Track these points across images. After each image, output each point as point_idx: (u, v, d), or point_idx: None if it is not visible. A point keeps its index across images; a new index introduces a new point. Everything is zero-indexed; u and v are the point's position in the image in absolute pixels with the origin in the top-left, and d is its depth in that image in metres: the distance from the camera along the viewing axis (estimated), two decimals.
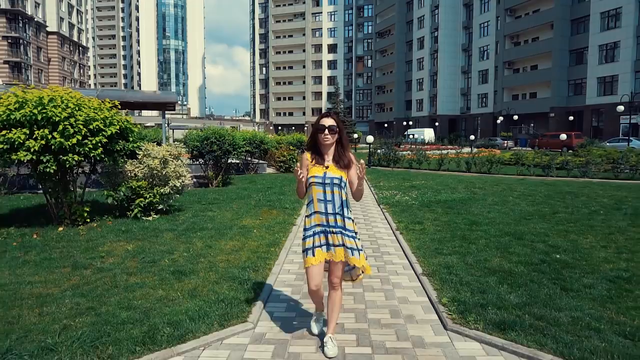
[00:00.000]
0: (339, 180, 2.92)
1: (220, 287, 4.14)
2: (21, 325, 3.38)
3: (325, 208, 2.94)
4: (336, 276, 3.02)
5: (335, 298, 3.07)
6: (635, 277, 4.36)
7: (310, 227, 3.00)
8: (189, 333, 3.25)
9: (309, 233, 3.00)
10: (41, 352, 2.96)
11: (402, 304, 3.96)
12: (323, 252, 2.97)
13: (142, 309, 3.63)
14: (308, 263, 2.96)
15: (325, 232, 2.97)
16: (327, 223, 2.95)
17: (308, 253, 2.96)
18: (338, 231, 2.94)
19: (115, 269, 4.66)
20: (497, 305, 3.71)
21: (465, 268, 4.74)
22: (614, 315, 3.51)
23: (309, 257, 2.95)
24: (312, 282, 2.99)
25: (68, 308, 3.67)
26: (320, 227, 2.97)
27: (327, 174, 2.92)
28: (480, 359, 3.00)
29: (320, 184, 2.91)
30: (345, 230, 2.95)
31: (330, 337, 3.07)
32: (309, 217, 3.02)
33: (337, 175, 2.93)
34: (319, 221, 2.97)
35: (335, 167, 2.95)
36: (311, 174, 2.95)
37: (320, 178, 2.92)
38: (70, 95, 6.15)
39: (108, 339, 3.13)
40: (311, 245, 2.96)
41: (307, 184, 2.97)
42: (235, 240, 5.90)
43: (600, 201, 9.05)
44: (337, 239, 2.94)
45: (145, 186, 7.22)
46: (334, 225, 2.93)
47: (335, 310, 3.09)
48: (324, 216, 2.95)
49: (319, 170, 2.94)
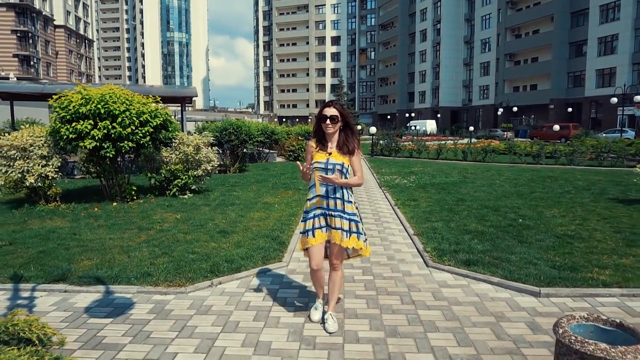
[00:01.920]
0: (340, 166, 3.05)
1: (258, 241, 5.43)
2: (117, 263, 4.66)
3: (326, 192, 3.07)
4: (336, 258, 3.19)
5: (336, 278, 3.23)
6: (577, 235, 5.61)
7: (310, 209, 3.15)
8: (241, 267, 4.54)
9: (309, 215, 3.14)
10: (142, 276, 4.25)
11: (396, 253, 5.23)
12: (323, 233, 3.12)
13: (203, 254, 4.92)
14: (309, 243, 3.12)
15: (324, 215, 3.11)
16: (327, 206, 3.08)
17: (308, 234, 3.12)
18: (337, 214, 3.07)
19: (172, 230, 5.95)
20: (467, 251, 4.98)
21: (448, 230, 6.00)
22: (551, 256, 4.77)
23: (309, 237, 3.11)
24: (312, 261, 3.15)
25: (148, 253, 4.96)
26: (320, 209, 3.11)
27: (329, 160, 3.05)
28: (450, 282, 4.27)
29: (322, 169, 3.04)
30: (344, 214, 3.08)
31: (331, 314, 3.24)
32: (310, 200, 3.17)
33: (339, 161, 3.05)
34: (320, 204, 3.11)
35: (338, 154, 3.08)
36: (315, 159, 3.09)
37: (323, 164, 3.05)
38: (122, 92, 7.40)
39: (186, 269, 4.42)
40: (311, 227, 3.11)
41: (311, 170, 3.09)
42: (261, 212, 7.18)
43: (575, 183, 10.28)
44: (336, 222, 3.07)
45: (181, 169, 8.49)
46: (333, 209, 3.07)
47: (336, 290, 3.26)
48: (324, 199, 3.08)
49: (322, 157, 3.08)
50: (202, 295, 3.94)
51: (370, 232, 6.23)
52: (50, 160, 7.38)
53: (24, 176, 7.09)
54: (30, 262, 4.67)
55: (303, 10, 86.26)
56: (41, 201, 7.47)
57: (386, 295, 3.95)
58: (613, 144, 16.35)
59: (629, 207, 7.43)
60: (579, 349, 2.00)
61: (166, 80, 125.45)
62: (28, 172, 7.08)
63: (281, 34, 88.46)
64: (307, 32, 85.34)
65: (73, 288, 4.08)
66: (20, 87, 13.38)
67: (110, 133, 7.02)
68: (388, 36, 73.78)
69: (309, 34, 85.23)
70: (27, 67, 66.71)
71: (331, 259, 3.21)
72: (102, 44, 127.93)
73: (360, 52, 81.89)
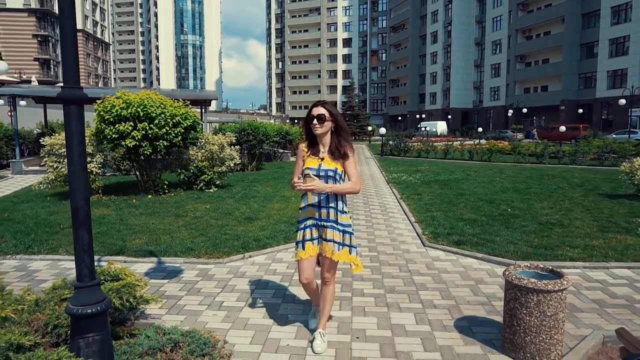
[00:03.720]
0: (333, 172, 2.82)
1: (279, 226, 6.31)
2: (163, 242, 5.58)
3: (318, 201, 2.85)
4: (327, 271, 2.95)
5: (327, 294, 3.01)
6: (558, 223, 6.39)
7: (302, 219, 2.95)
8: (267, 245, 5.42)
9: (300, 226, 2.95)
10: (185, 250, 5.16)
11: (398, 236, 6.07)
12: (314, 246, 2.91)
13: (234, 234, 5.82)
14: (297, 256, 2.93)
15: (317, 226, 2.89)
16: (320, 217, 2.86)
17: (298, 246, 2.93)
18: (330, 225, 2.84)
19: (204, 217, 6.87)
20: (459, 234, 5.80)
21: (445, 218, 6.82)
22: (531, 239, 5.57)
23: (298, 250, 2.92)
24: (301, 275, 2.96)
25: (187, 235, 5.88)
26: (312, 220, 2.90)
27: (321, 166, 2.83)
28: (442, 257, 5.10)
29: (314, 176, 2.78)
30: (336, 224, 2.85)
31: (320, 332, 3.01)
32: (302, 210, 2.96)
33: (332, 167, 2.82)
34: (312, 214, 2.89)
35: (330, 159, 2.85)
36: (306, 165, 2.86)
37: (315, 170, 2.81)
38: (157, 96, 8.36)
39: (221, 245, 5.32)
40: (301, 239, 2.91)
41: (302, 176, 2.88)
42: (280, 203, 8.07)
43: (571, 181, 10.98)
44: (327, 234, 2.85)
45: (207, 166, 9.43)
46: (325, 219, 2.85)
47: (327, 306, 3.04)
48: (316, 209, 2.86)
49: (314, 162, 2.85)
50: (236, 265, 4.84)
51: (376, 219, 7.07)
52: (94, 157, 8.37)
53: None
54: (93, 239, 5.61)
55: (315, 12, 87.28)
56: None
57: (388, 265, 4.80)
58: (614, 144, 16.89)
59: (614, 201, 8.15)
60: (517, 283, 2.83)
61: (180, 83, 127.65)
62: None
63: (293, 36, 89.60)
64: (319, 34, 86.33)
65: (131, 259, 5.01)
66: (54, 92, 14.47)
67: (148, 133, 7.97)
68: (399, 38, 74.38)
69: (320, 36, 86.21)
70: (47, 70, 68.88)
71: (322, 272, 2.98)
72: (117, 47, 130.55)
73: (372, 54, 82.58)
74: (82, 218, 2.29)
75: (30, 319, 2.76)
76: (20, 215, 7.06)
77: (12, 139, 15.33)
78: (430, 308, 3.69)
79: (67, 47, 2.23)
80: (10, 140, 15.36)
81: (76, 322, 2.28)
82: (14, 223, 6.50)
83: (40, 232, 5.98)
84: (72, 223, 2.31)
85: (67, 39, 2.23)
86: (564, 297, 2.82)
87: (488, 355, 2.94)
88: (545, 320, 2.78)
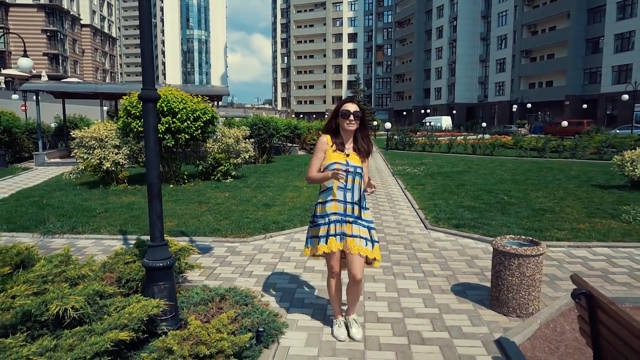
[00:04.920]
0: (360, 170, 2.87)
1: (294, 211, 6.93)
2: (191, 224, 6.21)
3: (344, 196, 2.86)
4: (357, 270, 2.88)
5: (358, 292, 3.02)
6: (550, 209, 6.96)
7: (325, 214, 2.91)
8: (285, 226, 6.05)
9: (323, 221, 2.90)
10: (213, 231, 5.79)
11: (403, 220, 6.67)
12: (337, 242, 2.88)
13: (255, 218, 6.45)
14: (319, 251, 2.91)
15: (341, 222, 2.88)
16: (345, 212, 2.86)
17: (320, 240, 2.90)
18: (353, 221, 2.87)
19: (225, 204, 7.50)
20: (458, 218, 6.39)
21: (446, 205, 7.41)
22: (524, 223, 6.15)
23: (320, 244, 2.90)
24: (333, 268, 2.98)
25: (212, 218, 6.51)
26: (336, 215, 2.88)
27: (349, 162, 2.84)
28: (442, 238, 5.69)
29: (343, 171, 2.78)
30: (360, 220, 2.89)
31: (354, 317, 3.07)
32: (323, 204, 2.92)
33: (359, 164, 2.88)
34: (336, 209, 2.87)
35: (356, 156, 2.90)
36: (332, 159, 2.85)
37: (344, 166, 2.82)
38: (179, 92, 8.97)
39: (244, 227, 5.95)
40: (325, 233, 2.89)
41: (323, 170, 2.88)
42: (294, 192, 8.69)
43: (568, 173, 11.52)
44: (354, 230, 2.86)
45: (224, 158, 10.05)
46: (350, 215, 2.86)
47: (356, 300, 3.09)
48: (342, 204, 2.86)
49: (341, 157, 2.86)
50: (259, 243, 5.46)
51: (383, 207, 7.68)
52: (121, 149, 9.02)
53: (102, 162, 8.74)
54: (127, 223, 6.27)
55: (320, 7, 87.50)
56: (113, 183, 9.12)
57: (393, 244, 5.41)
58: (614, 139, 17.34)
59: (605, 191, 8.70)
60: (502, 250, 3.43)
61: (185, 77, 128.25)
62: (105, 158, 8.72)
63: (299, 31, 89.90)
64: (325, 30, 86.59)
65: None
66: (76, 87, 15.15)
67: (171, 127, 8.60)
68: (404, 33, 74.55)
69: (326, 31, 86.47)
70: (55, 65, 69.71)
71: (352, 271, 2.89)
72: (123, 42, 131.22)
73: (377, 49, 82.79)
74: (155, 192, 2.91)
75: (103, 276, 3.39)
76: (58, 201, 7.72)
77: (33, 133, 16.04)
78: (431, 277, 4.30)
79: (146, 56, 2.85)
80: (31, 134, 16.06)
81: (150, 272, 2.92)
82: (54, 208, 7.16)
83: (79, 216, 6.63)
84: (148, 195, 2.93)
85: (146, 50, 2.84)
86: (541, 261, 3.42)
87: (478, 310, 3.55)
88: (525, 280, 3.38)
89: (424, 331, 3.20)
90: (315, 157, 2.92)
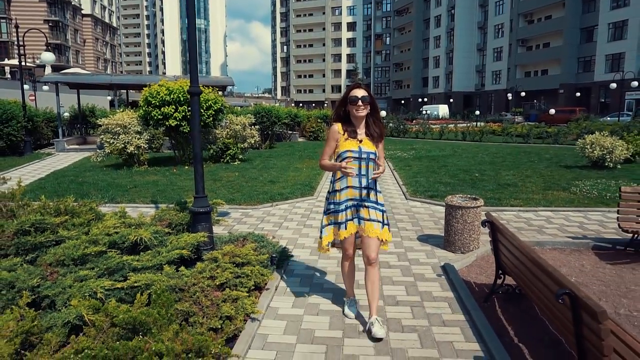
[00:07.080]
0: (374, 155, 2.90)
1: (296, 186, 8.15)
2: (210, 197, 7.41)
3: (359, 182, 2.90)
4: (372, 251, 2.93)
5: (374, 277, 3.01)
6: (513, 184, 8.18)
7: (341, 201, 2.96)
8: (289, 197, 7.27)
9: (341, 207, 2.95)
10: (229, 200, 7.01)
11: (388, 193, 7.89)
12: (355, 224, 2.97)
13: (262, 191, 7.66)
14: (340, 236, 2.99)
15: (357, 206, 2.95)
16: (361, 197, 2.92)
17: (341, 227, 2.97)
18: (371, 205, 2.93)
19: (236, 181, 8.72)
20: (433, 191, 7.62)
21: (427, 182, 8.62)
22: (488, 194, 7.36)
23: (341, 230, 2.97)
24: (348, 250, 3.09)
25: (226, 192, 7.72)
26: (352, 201, 2.94)
27: (362, 149, 2.87)
28: (418, 205, 6.92)
29: (356, 158, 2.85)
30: (377, 205, 2.96)
31: (377, 318, 2.99)
32: (339, 192, 2.96)
33: (372, 150, 2.89)
34: (352, 195, 2.93)
35: (369, 141, 2.92)
36: (345, 147, 2.88)
37: (357, 152, 2.85)
38: None
39: (254, 197, 7.17)
40: (344, 220, 2.95)
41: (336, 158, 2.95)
42: (295, 172, 9.90)
43: (543, 156, 12.71)
44: (371, 213, 2.93)
45: (232, 142, 11.24)
46: (366, 199, 2.92)
47: (376, 290, 3.03)
48: (357, 190, 2.91)
49: (354, 145, 2.88)
50: (268, 209, 6.68)
51: None
52: (142, 135, 10.20)
53: (126, 146, 9.93)
54: (156, 195, 7.49)
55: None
56: (136, 164, 10.33)
57: None
58: (593, 125, 18.49)
59: (568, 170, 9.91)
60: (451, 204, 4.66)
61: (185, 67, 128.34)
62: (129, 143, 9.91)
63: (298, 20, 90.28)
64: (324, 18, 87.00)
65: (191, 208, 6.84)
66: (92, 79, 16.26)
67: (186, 115, 9.77)
68: (403, 22, 75.09)
69: (325, 20, 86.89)
70: (58, 55, 70.37)
71: (367, 253, 2.95)
72: (123, 31, 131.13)
73: (376, 38, 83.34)
74: (198, 158, 4.12)
75: (157, 223, 4.60)
76: (91, 179, 8.93)
77: (50, 122, 17.19)
78: (403, 230, 5.54)
79: (192, 57, 4.03)
80: (49, 122, 17.22)
81: (196, 216, 4.14)
82: (91, 184, 8.37)
83: (113, 190, 7.84)
84: (194, 160, 4.15)
85: (192, 58, 4.02)
86: (479, 212, 4.64)
87: (434, 250, 4.78)
88: (466, 226, 4.60)
89: (391, 262, 4.44)
90: (328, 146, 3.00)
